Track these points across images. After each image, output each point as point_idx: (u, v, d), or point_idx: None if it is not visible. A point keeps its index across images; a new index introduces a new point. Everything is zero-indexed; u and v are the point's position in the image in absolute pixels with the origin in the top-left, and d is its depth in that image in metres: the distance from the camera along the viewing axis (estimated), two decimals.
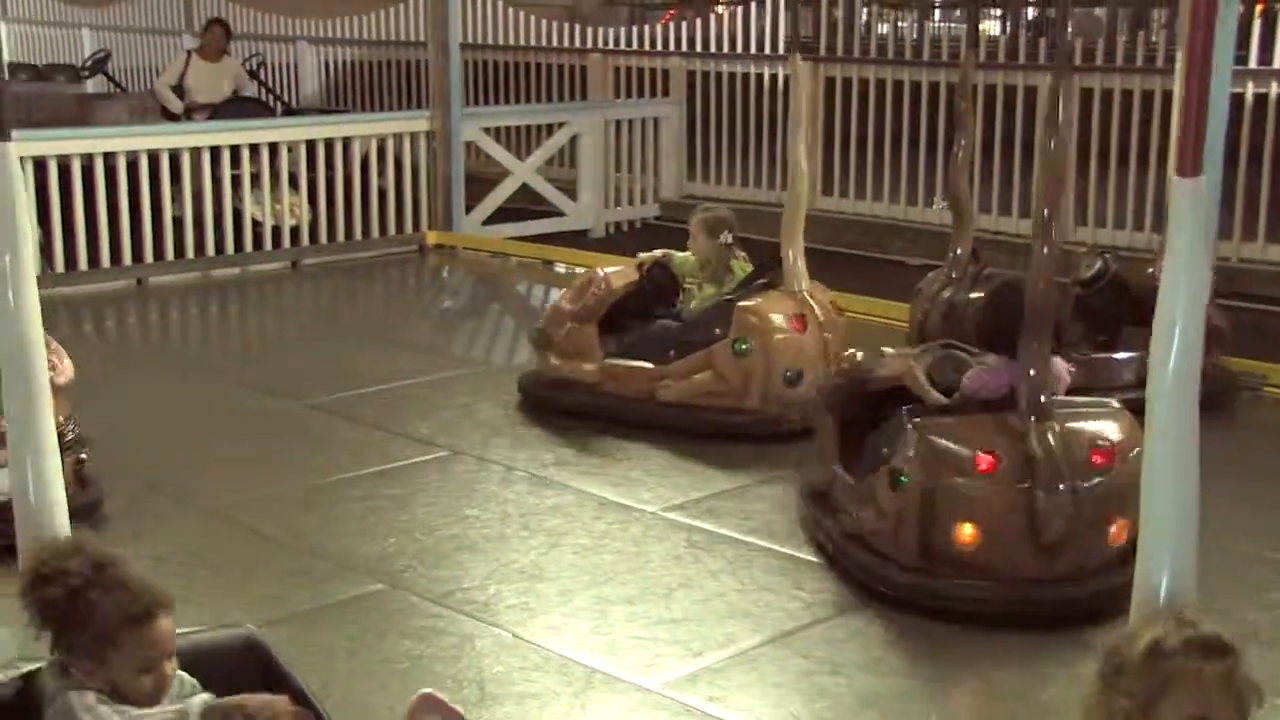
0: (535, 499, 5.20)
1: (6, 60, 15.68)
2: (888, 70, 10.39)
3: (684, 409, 5.84)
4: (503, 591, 4.37)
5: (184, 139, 9.03)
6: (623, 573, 4.53)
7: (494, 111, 11.54)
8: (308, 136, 9.49)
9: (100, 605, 2.34)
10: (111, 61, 13.66)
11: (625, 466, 5.52)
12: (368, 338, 6.99)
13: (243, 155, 9.15)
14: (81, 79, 13.07)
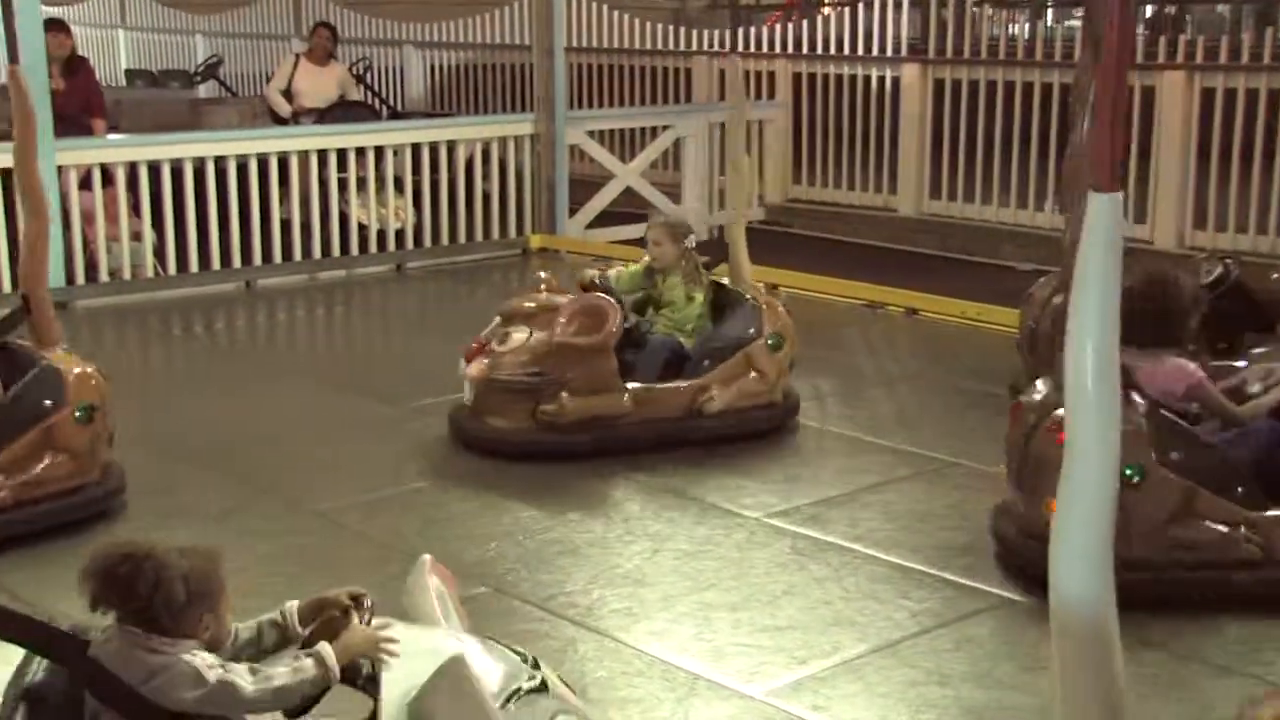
0: (637, 504, 5.22)
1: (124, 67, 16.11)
2: (999, 71, 10.26)
3: (727, 415, 5.82)
4: (605, 596, 4.39)
5: (292, 143, 9.20)
6: (726, 579, 4.52)
7: (598, 115, 11.59)
8: (413, 140, 9.61)
9: (198, 577, 2.60)
10: (223, 67, 13.94)
11: (729, 473, 5.51)
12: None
13: (349, 159, 9.29)
14: (194, 84, 13.36)
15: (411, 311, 8.91)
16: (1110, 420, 2.00)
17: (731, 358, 5.85)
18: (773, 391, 5.95)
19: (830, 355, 7.40)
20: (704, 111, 10.92)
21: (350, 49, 13.30)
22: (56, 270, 8.22)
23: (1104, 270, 1.95)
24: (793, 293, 8.77)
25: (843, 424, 6.18)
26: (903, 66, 10.67)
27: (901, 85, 10.64)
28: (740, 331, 5.93)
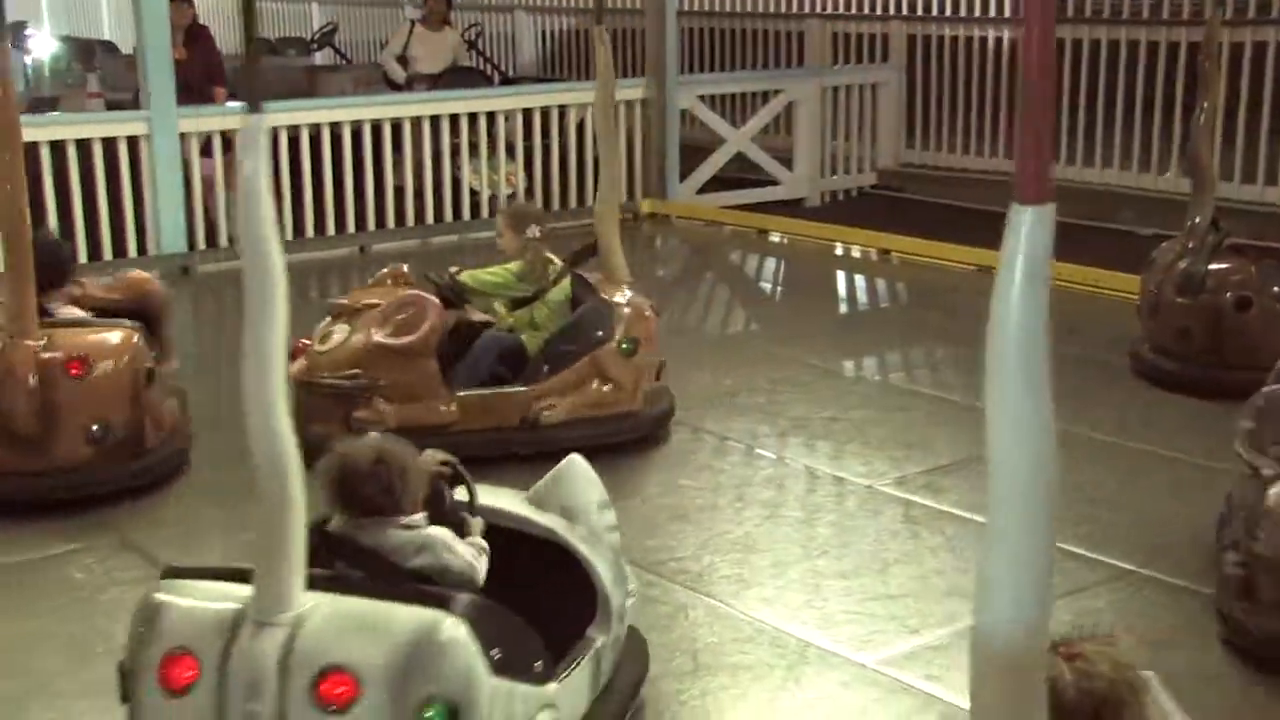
0: (749, 470, 5.20)
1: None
2: (1121, 30, 9.99)
3: (574, 426, 5.18)
4: (716, 562, 4.38)
5: (406, 109, 9.27)
6: (837, 546, 4.49)
7: (709, 79, 11.51)
8: (524, 105, 9.63)
9: (415, 466, 3.07)
10: (339, 34, 14.08)
11: (841, 440, 5.46)
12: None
13: (461, 124, 9.34)
14: (311, 51, 13.53)
15: None
16: (1042, 437, 1.78)
17: (576, 363, 5.28)
18: (630, 400, 5.35)
19: (943, 321, 7.30)
20: (817, 75, 10.80)
21: (463, 15, 13.35)
22: (177, 236, 8.40)
23: (1030, 291, 1.74)
24: (904, 257, 8.69)
25: (956, 391, 6.08)
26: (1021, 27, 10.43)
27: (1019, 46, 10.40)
28: (589, 334, 5.33)
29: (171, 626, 2.78)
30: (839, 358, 6.62)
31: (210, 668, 2.72)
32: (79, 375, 4.83)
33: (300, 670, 2.68)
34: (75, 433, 4.83)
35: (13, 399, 4.74)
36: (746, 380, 6.22)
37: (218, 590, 2.83)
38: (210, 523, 4.73)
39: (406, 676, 2.67)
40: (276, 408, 2.63)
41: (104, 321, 5.15)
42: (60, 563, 4.43)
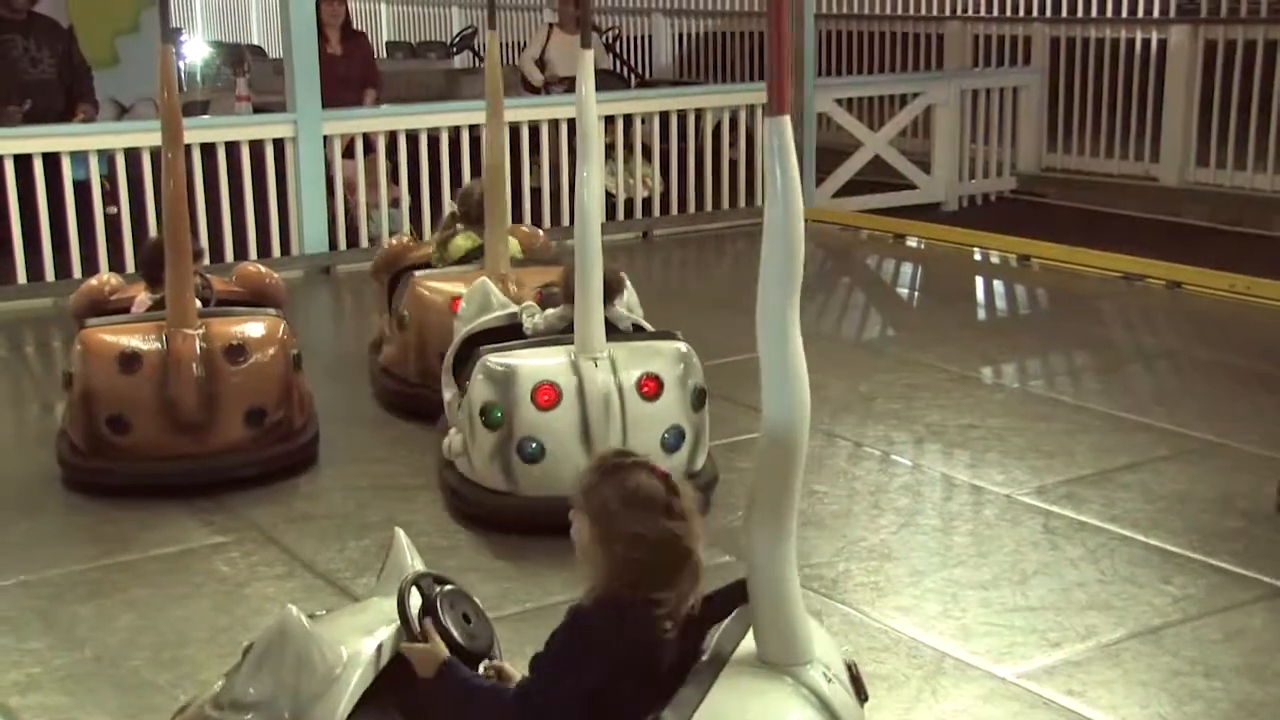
0: (884, 477, 5.14)
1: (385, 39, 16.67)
2: (1278, 30, 9.66)
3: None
4: (851, 570, 4.33)
5: (542, 111, 9.34)
6: (975, 556, 4.42)
7: (847, 82, 11.41)
8: (660, 108, 9.66)
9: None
10: (478, 37, 14.26)
11: (979, 448, 5.38)
12: (715, 309, 7.06)
13: (598, 127, 9.38)
14: (450, 55, 13.72)
15: (657, 279, 8.95)
16: (794, 368, 2.27)
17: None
18: (405, 368, 5.84)
19: (1084, 328, 7.16)
20: (956, 78, 10.65)
21: (601, 18, 13.43)
22: (319, 236, 8.57)
23: (785, 184, 2.23)
24: (1044, 263, 8.53)
25: (1098, 400, 5.96)
26: (1171, 28, 10.16)
27: (1169, 48, 10.13)
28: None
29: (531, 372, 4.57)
30: (977, 364, 6.52)
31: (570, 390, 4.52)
32: (240, 362, 5.02)
33: (627, 378, 4.57)
34: (234, 417, 5.02)
35: (180, 387, 4.93)
36: (883, 386, 6.16)
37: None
38: (345, 519, 4.81)
39: (684, 376, 4.66)
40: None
41: (252, 310, 5.33)
42: (208, 555, 4.54)
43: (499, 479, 4.60)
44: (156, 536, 4.67)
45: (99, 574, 4.42)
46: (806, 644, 2.36)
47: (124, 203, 8.06)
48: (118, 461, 5.02)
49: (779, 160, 2.24)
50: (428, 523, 4.70)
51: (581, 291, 4.60)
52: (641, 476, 2.41)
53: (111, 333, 5.08)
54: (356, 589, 4.18)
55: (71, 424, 5.12)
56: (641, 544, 2.36)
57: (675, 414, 4.62)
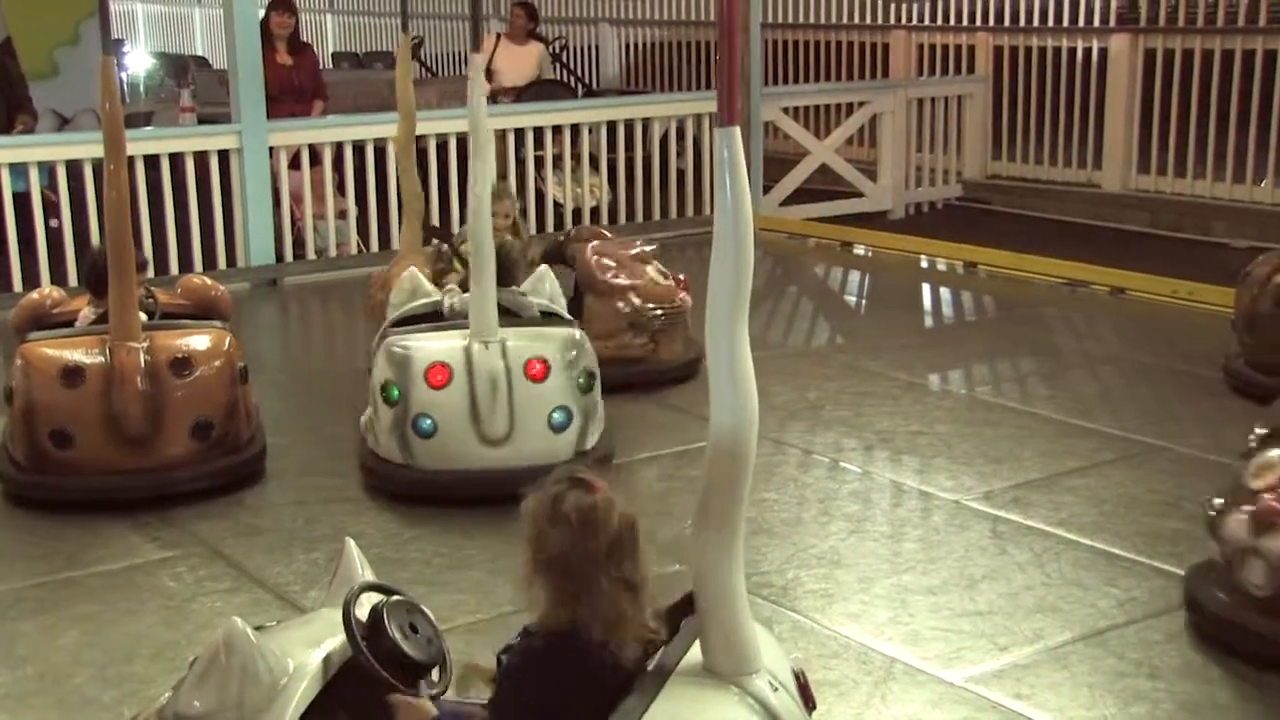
0: (833, 484, 5.17)
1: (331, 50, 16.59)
2: (1216, 39, 9.81)
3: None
4: (801, 577, 4.35)
5: (490, 121, 9.24)
6: (924, 562, 4.44)
7: (793, 91, 11.47)
8: (608, 118, 9.68)
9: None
10: (424, 47, 14.23)
11: (928, 454, 5.41)
12: None
13: (546, 137, 9.39)
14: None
15: None
16: (743, 379, 2.32)
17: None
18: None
19: (1030, 334, 7.22)
20: (901, 87, 10.74)
21: (547, 28, 13.43)
22: (266, 247, 8.52)
23: (734, 194, 2.26)
24: (990, 270, 8.60)
25: (1044, 405, 6.01)
26: (1111, 37, 10.30)
27: (1110, 56, 10.26)
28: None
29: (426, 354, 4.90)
30: (925, 371, 6.56)
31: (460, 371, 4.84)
32: (185, 375, 4.99)
33: (515, 361, 4.85)
34: (180, 431, 4.99)
35: (124, 400, 4.88)
36: (831, 394, 6.19)
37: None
38: (293, 532, 4.79)
39: (572, 361, 4.96)
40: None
41: (197, 323, 5.30)
42: (154, 570, 4.50)
43: (397, 452, 4.96)
44: (101, 552, 4.63)
45: (42, 591, 4.37)
46: (753, 653, 2.37)
47: (65, 215, 7.97)
48: (61, 476, 4.97)
49: (729, 171, 2.26)
50: (378, 535, 4.68)
51: (476, 279, 4.92)
52: (574, 495, 2.35)
53: (54, 346, 5.03)
54: (306, 602, 4.15)
55: (13, 439, 5.06)
56: (568, 564, 2.32)
57: (562, 396, 4.95)
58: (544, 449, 4.85)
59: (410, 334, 5.12)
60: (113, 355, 4.90)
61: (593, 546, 2.31)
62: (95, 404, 4.89)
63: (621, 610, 2.33)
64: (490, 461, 4.86)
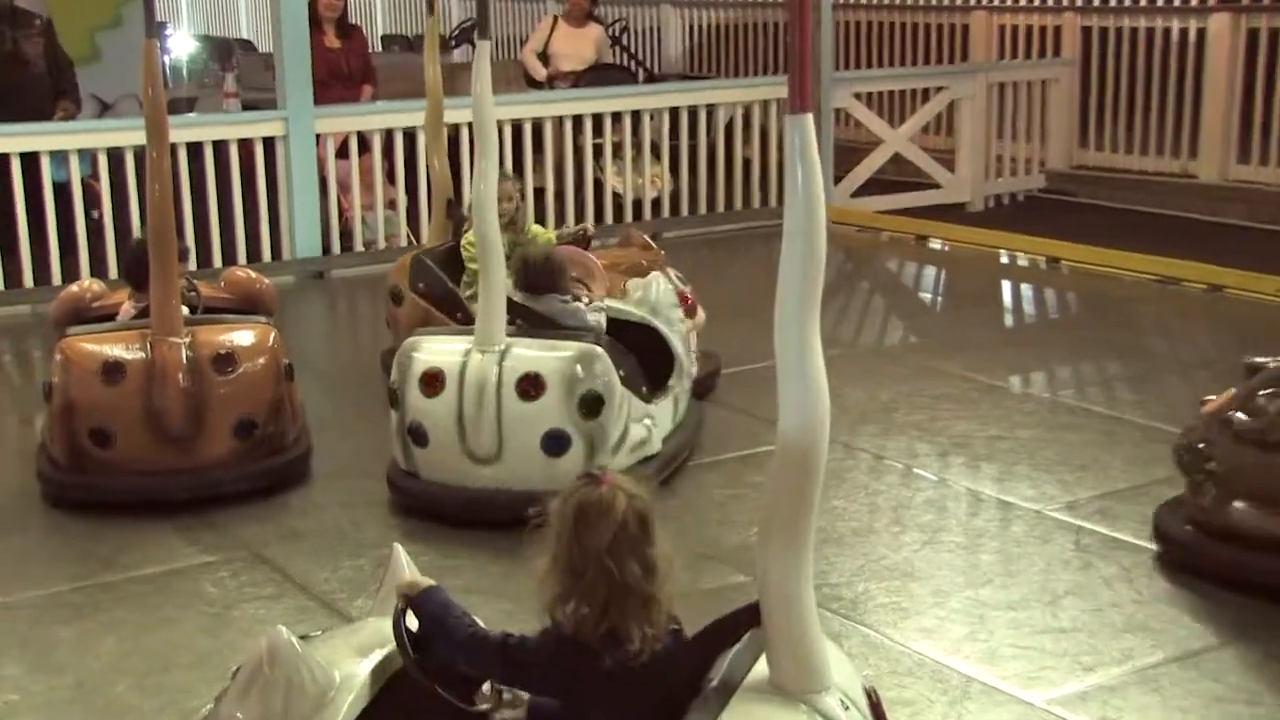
0: (907, 491, 5.15)
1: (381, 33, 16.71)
2: None
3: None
4: (872, 589, 4.33)
5: (546, 108, 9.37)
6: (1003, 575, 4.41)
7: (866, 76, 11.43)
8: (670, 104, 9.68)
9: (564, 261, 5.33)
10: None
11: (1007, 461, 5.37)
12: (730, 316, 7.05)
13: (605, 124, 9.41)
14: (450, 49, 13.74)
15: None
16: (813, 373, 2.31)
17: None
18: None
19: (1118, 335, 7.16)
20: (982, 71, 10.65)
21: (607, 10, 13.45)
22: (312, 239, 8.59)
23: (806, 185, 2.26)
24: (1075, 266, 8.52)
25: (1131, 410, 5.96)
26: (1211, 16, 10.14)
27: (1208, 37, 10.12)
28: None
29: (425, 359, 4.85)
30: (1004, 373, 6.52)
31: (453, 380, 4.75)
32: (228, 372, 5.04)
33: (510, 375, 4.73)
34: (223, 430, 5.04)
35: (165, 398, 4.94)
36: (905, 396, 6.17)
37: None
38: (339, 537, 4.82)
39: (575, 376, 4.74)
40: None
41: (241, 318, 5.36)
42: (195, 575, 4.55)
43: (403, 458, 4.99)
44: (140, 556, 4.68)
45: (80, 596, 4.43)
46: (823, 669, 2.36)
47: (106, 205, 8.08)
48: (100, 476, 5.04)
49: (801, 161, 2.26)
50: (427, 540, 4.71)
51: (483, 281, 4.86)
52: (595, 491, 2.38)
53: (93, 342, 5.10)
54: (352, 611, 4.18)
55: (51, 438, 5.14)
56: (570, 560, 2.35)
57: (557, 418, 4.75)
58: (539, 473, 4.66)
59: (433, 334, 5.15)
60: (154, 351, 4.97)
61: (593, 541, 2.34)
62: (136, 401, 4.96)
63: (626, 607, 2.35)
64: (481, 480, 4.78)
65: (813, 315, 2.29)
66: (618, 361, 4.88)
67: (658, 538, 2.39)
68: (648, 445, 5.03)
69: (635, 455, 4.92)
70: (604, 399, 4.77)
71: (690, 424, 5.49)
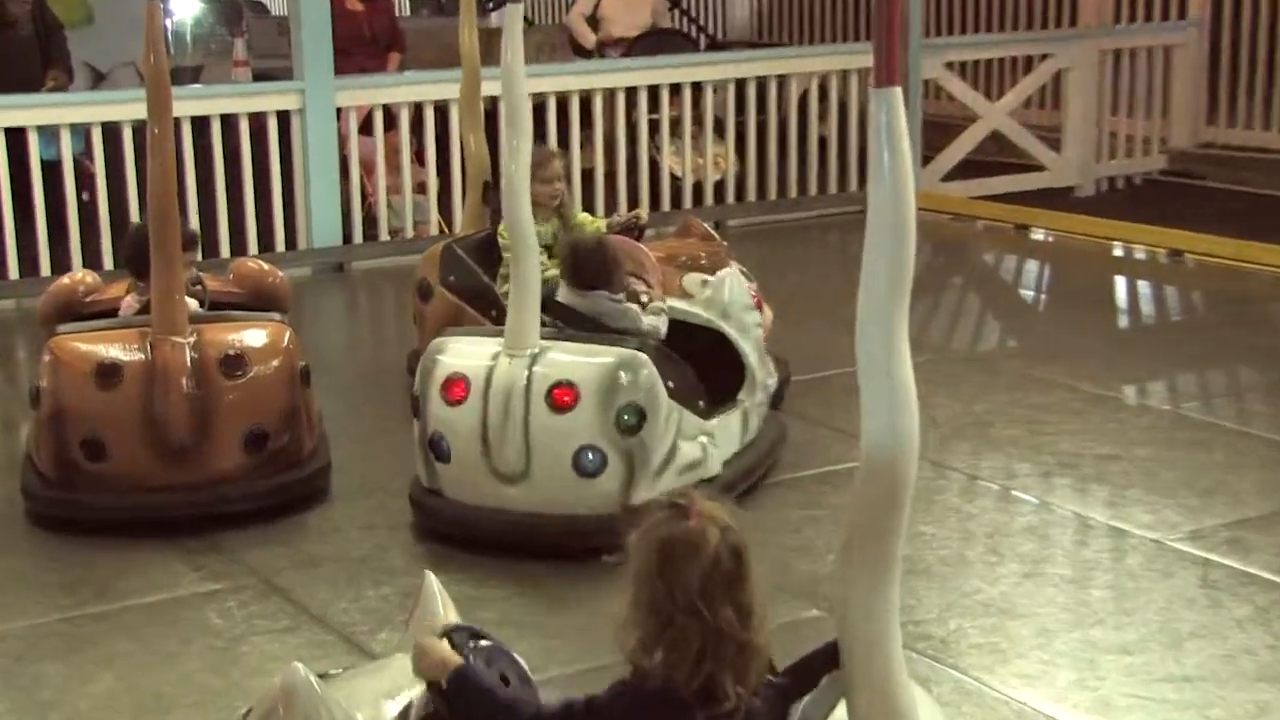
0: (1004, 516, 5.13)
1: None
2: None
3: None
4: (965, 628, 4.32)
5: (595, 79, 9.39)
6: (1116, 614, 4.39)
7: (960, 42, 11.41)
8: (736, 75, 9.70)
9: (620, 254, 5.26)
10: None
11: (1120, 483, 5.35)
12: (801, 316, 7.06)
13: (661, 97, 9.43)
14: (487, 11, 13.80)
15: None
16: (903, 390, 2.32)
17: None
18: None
19: (1251, 338, 7.13)
20: (1093, 36, 10.60)
21: None
22: (332, 226, 8.65)
23: (894, 168, 2.27)
24: (1201, 259, 8.46)
25: (1266, 426, 5.93)
26: None
27: None
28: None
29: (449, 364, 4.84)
30: (1118, 382, 6.49)
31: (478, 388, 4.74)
32: (237, 376, 5.07)
33: (540, 383, 4.67)
34: (231, 441, 5.07)
35: (167, 405, 4.98)
36: (1003, 407, 6.15)
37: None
38: (361, 563, 4.85)
39: (612, 388, 4.66)
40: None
41: (252, 315, 5.41)
42: (199, 604, 4.59)
43: (424, 474, 4.98)
44: (138, 582, 4.73)
45: (69, 626, 4.47)
46: (909, 717, 2.36)
47: (101, 187, 8.17)
48: (93, 493, 5.08)
49: (888, 141, 2.26)
50: (459, 567, 4.72)
51: (515, 276, 4.83)
52: (682, 525, 2.34)
53: (86, 341, 5.15)
54: (375, 646, 4.21)
55: (39, 448, 5.19)
56: (654, 604, 2.32)
57: (590, 433, 4.69)
58: (570, 496, 4.68)
59: (463, 335, 5.16)
60: (154, 352, 5.01)
61: (680, 583, 2.31)
62: (133, 409, 5.00)
63: (721, 656, 2.33)
64: (506, 501, 4.77)
65: (900, 316, 2.29)
66: (667, 370, 4.80)
67: (755, 574, 2.37)
68: (702, 467, 4.92)
69: (686, 478, 4.78)
70: (646, 413, 4.69)
71: (765, 442, 5.41)
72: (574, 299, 5.03)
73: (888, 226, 2.28)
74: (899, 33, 2.31)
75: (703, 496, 2.40)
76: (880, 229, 2.28)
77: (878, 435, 2.31)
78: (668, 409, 4.76)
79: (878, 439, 2.31)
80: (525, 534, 4.72)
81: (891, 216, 2.28)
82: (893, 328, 2.29)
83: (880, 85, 2.27)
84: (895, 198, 2.27)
